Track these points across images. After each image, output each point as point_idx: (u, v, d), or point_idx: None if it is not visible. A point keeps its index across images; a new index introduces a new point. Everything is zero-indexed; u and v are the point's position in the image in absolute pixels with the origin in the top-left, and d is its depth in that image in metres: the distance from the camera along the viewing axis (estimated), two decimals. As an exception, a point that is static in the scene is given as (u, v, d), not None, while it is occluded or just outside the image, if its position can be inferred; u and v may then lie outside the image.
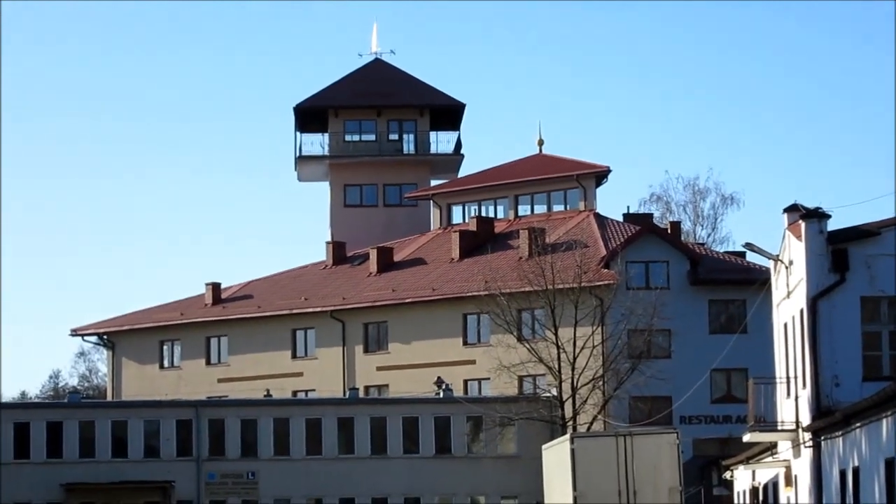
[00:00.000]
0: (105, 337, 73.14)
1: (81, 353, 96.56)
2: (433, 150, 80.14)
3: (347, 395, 62.12)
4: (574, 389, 52.28)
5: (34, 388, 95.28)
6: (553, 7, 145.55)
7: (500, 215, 71.99)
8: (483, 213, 72.86)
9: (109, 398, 70.52)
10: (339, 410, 58.73)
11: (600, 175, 71.60)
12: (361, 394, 63.16)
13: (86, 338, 77.76)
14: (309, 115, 78.90)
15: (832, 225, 26.27)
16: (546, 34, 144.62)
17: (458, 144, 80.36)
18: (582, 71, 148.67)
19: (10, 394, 75.27)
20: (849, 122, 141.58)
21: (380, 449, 56.14)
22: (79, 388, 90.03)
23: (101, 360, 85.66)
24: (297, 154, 79.12)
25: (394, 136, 79.12)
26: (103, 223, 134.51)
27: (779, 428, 32.17)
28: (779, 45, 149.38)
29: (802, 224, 28.31)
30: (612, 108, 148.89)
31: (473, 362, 60.32)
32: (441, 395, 58.70)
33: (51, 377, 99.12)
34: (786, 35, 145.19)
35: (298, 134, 79.31)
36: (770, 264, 36.03)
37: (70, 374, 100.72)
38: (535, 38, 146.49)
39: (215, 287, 70.76)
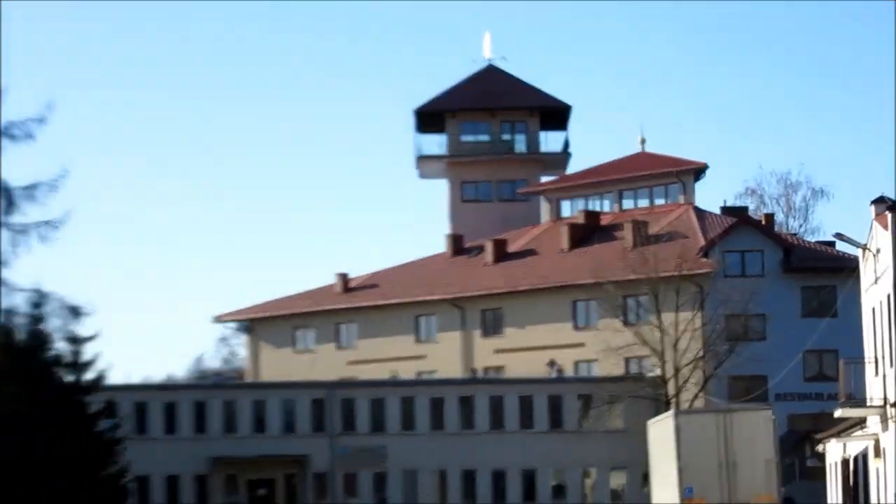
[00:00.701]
0: (245, 323, 78.54)
1: (223, 339, 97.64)
2: (543, 149, 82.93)
3: (467, 376, 66.31)
4: (676, 370, 54.78)
5: (180, 370, 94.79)
6: (649, 9, 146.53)
7: (606, 209, 74.65)
8: (590, 207, 75.39)
9: (249, 380, 73.91)
10: (460, 390, 61.90)
11: (698, 171, 74.05)
12: (480, 375, 66.82)
13: (227, 324, 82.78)
14: (428, 118, 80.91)
15: (917, 216, 31.98)
16: (646, 37, 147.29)
17: (566, 143, 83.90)
18: (681, 72, 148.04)
19: (158, 376, 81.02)
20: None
21: (497, 425, 58.77)
22: (221, 370, 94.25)
23: (241, 345, 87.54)
24: (418, 154, 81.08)
25: (506, 137, 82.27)
26: (243, 221, 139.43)
27: (867, 404, 34.41)
28: (866, 40, 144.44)
29: (889, 215, 31.37)
30: (710, 107, 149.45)
31: (583, 345, 62.09)
32: (553, 375, 62.23)
33: (195, 360, 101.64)
34: (876, 28, 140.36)
35: (418, 135, 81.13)
36: (858, 253, 38.44)
37: (212, 358, 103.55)
38: (636, 40, 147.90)
39: (344, 277, 74.73)
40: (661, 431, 43.68)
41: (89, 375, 49.42)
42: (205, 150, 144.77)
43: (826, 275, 57.67)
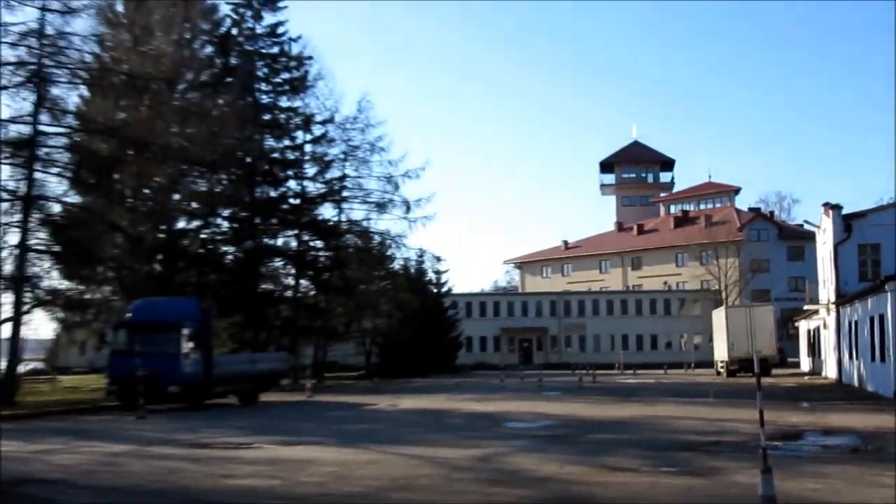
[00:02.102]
0: (517, 264, 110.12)
1: (507, 271, 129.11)
2: (662, 180, 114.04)
3: (624, 289, 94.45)
4: (725, 286, 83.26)
5: (487, 286, 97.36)
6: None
7: (691, 209, 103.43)
8: (683, 209, 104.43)
9: (519, 291, 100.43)
10: (622, 296, 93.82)
11: (737, 189, 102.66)
12: (630, 288, 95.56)
13: (509, 264, 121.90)
14: (605, 166, 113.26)
15: None
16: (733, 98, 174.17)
17: (672, 177, 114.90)
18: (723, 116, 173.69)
19: (476, 288, 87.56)
20: None
21: (639, 312, 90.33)
22: (507, 286, 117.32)
23: (516, 273, 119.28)
24: (600, 183, 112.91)
25: (643, 174, 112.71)
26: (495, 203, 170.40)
27: (819, 303, 53.36)
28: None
29: (830, 211, 46.40)
30: (741, 142, 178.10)
31: (680, 274, 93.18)
32: (666, 288, 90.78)
33: (493, 281, 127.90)
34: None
35: (600, 174, 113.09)
36: (816, 230, 55.37)
37: (502, 280, 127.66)
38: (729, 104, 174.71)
39: (566, 242, 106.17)
40: (719, 316, 62.32)
41: (444, 289, 78.37)
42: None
43: (799, 240, 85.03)
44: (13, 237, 40.30)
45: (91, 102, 43.69)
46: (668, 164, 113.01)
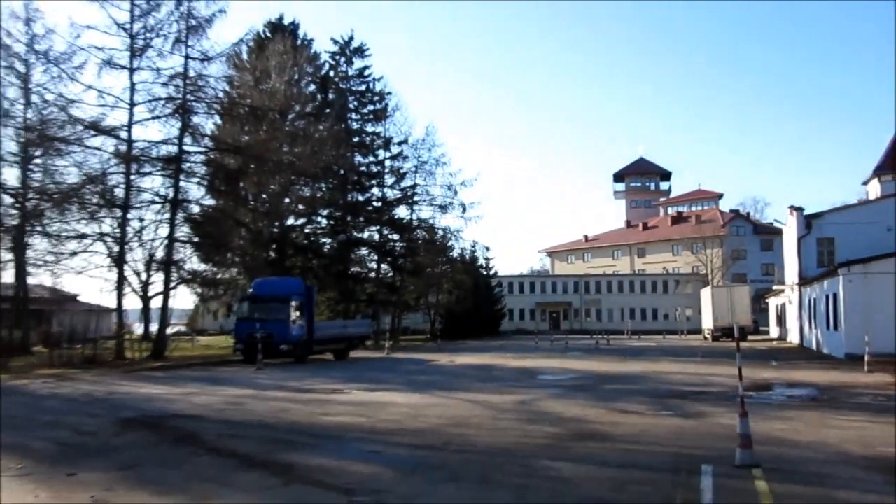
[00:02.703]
0: (548, 252, 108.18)
1: (540, 259, 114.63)
2: (662, 188, 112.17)
3: (632, 272, 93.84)
4: (711, 271, 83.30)
5: (525, 269, 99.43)
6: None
7: (685, 210, 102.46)
8: (679, 210, 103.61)
9: (551, 274, 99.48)
10: (630, 278, 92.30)
11: (720, 195, 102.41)
12: (637, 271, 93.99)
13: (541, 253, 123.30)
14: (617, 176, 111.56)
15: None
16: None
17: (669, 185, 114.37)
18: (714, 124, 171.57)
19: (515, 272, 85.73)
20: None
21: (643, 290, 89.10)
22: (540, 270, 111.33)
23: (547, 262, 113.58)
24: (613, 190, 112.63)
25: (647, 183, 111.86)
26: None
27: (785, 283, 53.47)
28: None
29: (794, 212, 47.09)
30: (726, 155, 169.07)
31: (676, 261, 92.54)
32: (665, 272, 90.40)
33: (530, 267, 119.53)
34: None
35: (614, 182, 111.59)
36: (783, 226, 59.69)
37: (537, 265, 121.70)
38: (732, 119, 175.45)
39: (586, 237, 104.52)
40: (706, 294, 62.30)
41: (491, 272, 78.52)
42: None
43: (770, 234, 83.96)
44: (163, 230, 41.08)
45: (222, 128, 44.64)
46: (666, 176, 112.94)
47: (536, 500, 8.58)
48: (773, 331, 64.01)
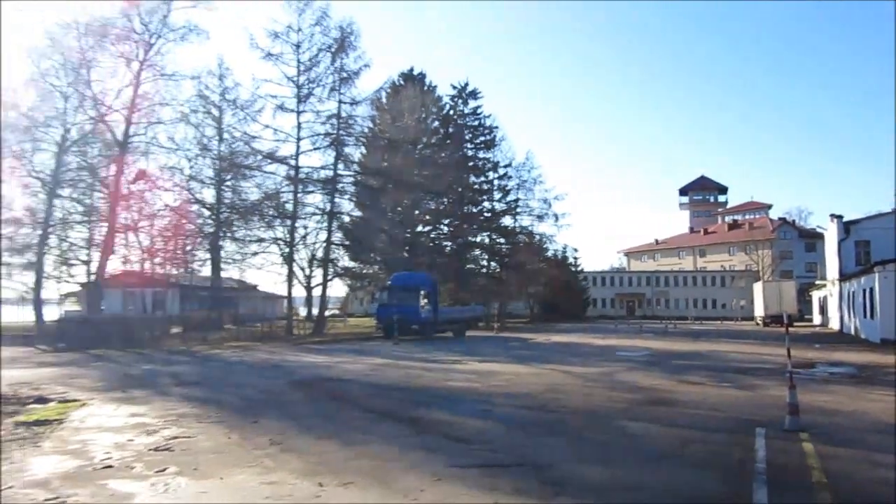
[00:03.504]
0: (624, 253, 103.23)
1: (620, 258, 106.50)
2: (720, 200, 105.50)
3: (695, 269, 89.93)
4: (762, 268, 79.04)
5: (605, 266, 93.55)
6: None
7: (740, 218, 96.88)
8: (734, 219, 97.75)
9: (625, 269, 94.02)
10: (693, 273, 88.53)
11: (769, 205, 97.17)
12: (699, 268, 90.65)
13: (621, 253, 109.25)
14: (682, 191, 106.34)
15: None
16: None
17: (726, 199, 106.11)
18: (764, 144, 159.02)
19: (599, 268, 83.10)
20: None
21: (703, 284, 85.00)
22: (619, 267, 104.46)
23: (624, 259, 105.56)
24: (679, 203, 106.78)
25: (708, 197, 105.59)
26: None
27: (827, 279, 49.95)
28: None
29: (834, 220, 43.79)
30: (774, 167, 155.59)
31: (732, 260, 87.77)
32: (723, 269, 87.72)
33: (611, 264, 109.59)
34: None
35: (680, 196, 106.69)
36: (824, 231, 54.05)
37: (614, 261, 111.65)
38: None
39: (656, 240, 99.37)
40: (758, 287, 59.88)
41: (579, 268, 77.21)
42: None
43: (813, 238, 79.40)
44: (322, 236, 42.29)
45: (367, 156, 45.50)
46: (723, 190, 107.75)
47: (618, 452, 8.40)
48: (816, 319, 60.31)
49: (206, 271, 42.45)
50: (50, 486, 6.80)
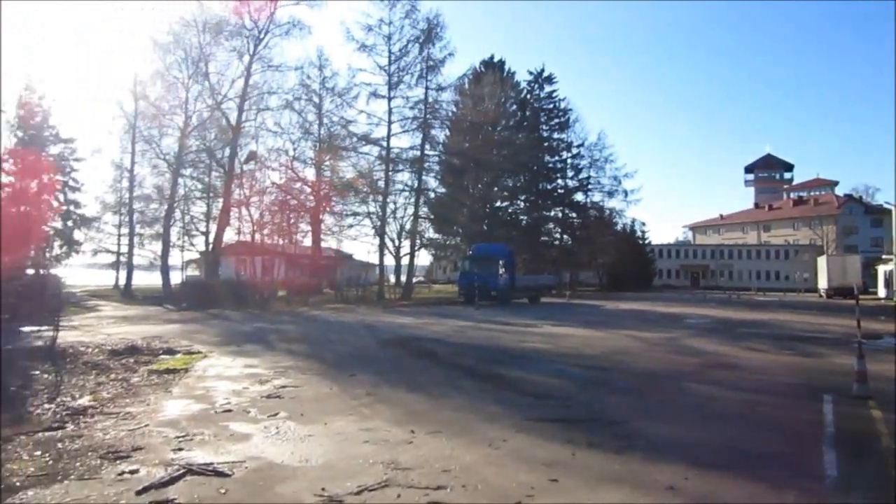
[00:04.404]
0: (689, 227, 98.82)
1: (684, 233, 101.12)
2: (786, 177, 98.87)
3: (759, 243, 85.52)
4: (826, 243, 75.40)
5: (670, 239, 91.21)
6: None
7: (805, 195, 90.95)
8: (799, 195, 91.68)
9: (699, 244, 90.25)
10: (757, 247, 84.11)
11: (835, 182, 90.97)
12: (763, 241, 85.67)
13: (685, 229, 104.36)
14: (748, 168, 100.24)
15: None
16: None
17: (791, 175, 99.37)
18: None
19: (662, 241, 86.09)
20: None
21: (767, 258, 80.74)
22: (683, 239, 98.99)
23: (690, 234, 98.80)
24: (745, 180, 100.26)
25: (773, 174, 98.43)
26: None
27: (894, 254, 47.67)
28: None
29: None
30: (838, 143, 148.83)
31: (796, 235, 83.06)
32: (788, 243, 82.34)
33: (676, 238, 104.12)
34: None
35: (745, 173, 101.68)
36: (892, 207, 52.50)
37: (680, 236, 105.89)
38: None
39: (721, 216, 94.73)
40: (822, 261, 57.41)
41: (646, 241, 74.37)
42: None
43: (878, 214, 74.88)
44: (410, 210, 42.72)
45: (451, 138, 45.44)
46: (789, 167, 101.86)
47: (685, 412, 8.18)
48: (881, 292, 56.57)
49: (308, 242, 43.55)
50: (179, 426, 7.13)
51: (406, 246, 43.10)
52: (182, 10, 44.13)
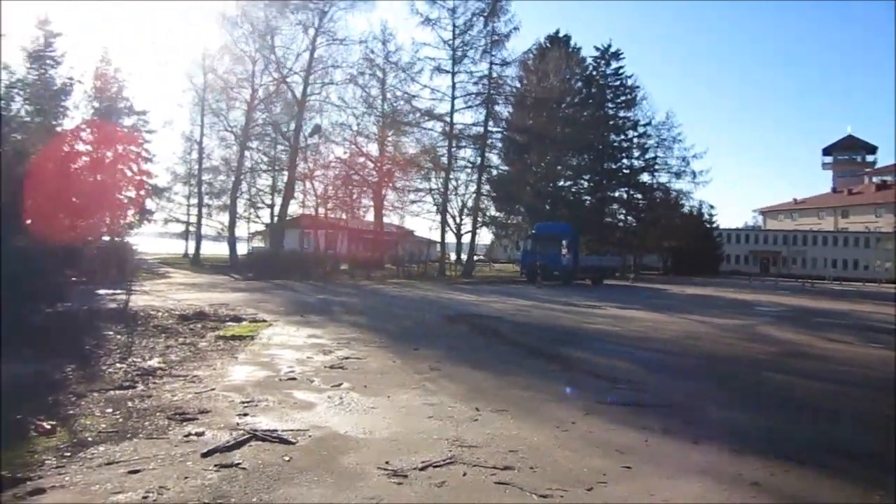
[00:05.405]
0: (758, 213, 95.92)
1: (755, 217, 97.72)
2: (868, 160, 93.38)
3: (836, 229, 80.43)
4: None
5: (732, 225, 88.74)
6: None
7: (887, 179, 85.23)
8: (880, 179, 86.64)
9: (761, 228, 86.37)
10: (833, 235, 79.76)
11: None
12: (842, 228, 79.92)
13: (756, 213, 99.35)
14: (825, 150, 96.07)
15: None
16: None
17: (875, 158, 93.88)
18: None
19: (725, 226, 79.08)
20: None
21: (846, 245, 77.13)
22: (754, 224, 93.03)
23: (761, 219, 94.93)
24: (822, 163, 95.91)
25: (854, 157, 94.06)
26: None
27: None
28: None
29: None
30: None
31: (877, 222, 78.42)
32: (866, 230, 78.67)
33: (745, 224, 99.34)
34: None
35: (822, 155, 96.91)
36: None
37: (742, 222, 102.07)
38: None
39: (795, 200, 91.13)
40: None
41: (714, 224, 73.41)
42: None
43: None
44: (472, 187, 42.49)
45: (515, 114, 44.94)
46: (872, 150, 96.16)
47: (761, 400, 7.76)
48: (973, 283, 54.61)
49: (370, 216, 43.90)
50: (244, 392, 7.17)
51: (468, 223, 43.07)
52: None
